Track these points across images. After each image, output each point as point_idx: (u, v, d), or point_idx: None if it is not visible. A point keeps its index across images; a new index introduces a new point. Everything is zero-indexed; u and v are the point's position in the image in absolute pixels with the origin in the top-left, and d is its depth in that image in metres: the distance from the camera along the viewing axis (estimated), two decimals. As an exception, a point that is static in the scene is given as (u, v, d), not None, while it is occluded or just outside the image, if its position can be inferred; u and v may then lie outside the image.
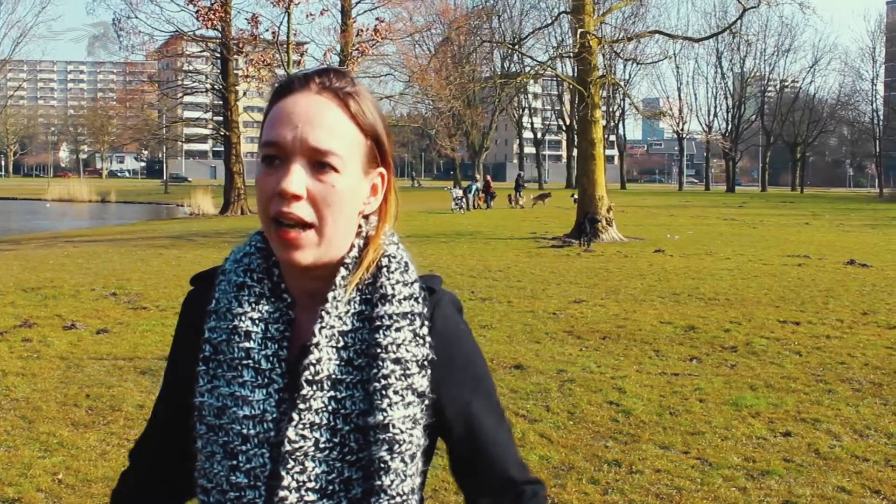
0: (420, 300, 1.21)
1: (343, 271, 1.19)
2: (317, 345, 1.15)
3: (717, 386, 6.53)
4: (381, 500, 1.15)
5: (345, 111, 1.17)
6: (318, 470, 1.15)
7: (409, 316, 1.19)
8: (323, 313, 1.17)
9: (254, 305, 1.19)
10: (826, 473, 4.70)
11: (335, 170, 1.14)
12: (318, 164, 1.14)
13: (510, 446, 1.30)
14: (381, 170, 1.23)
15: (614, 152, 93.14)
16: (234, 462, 1.16)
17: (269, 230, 1.16)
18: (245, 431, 1.15)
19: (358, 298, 1.19)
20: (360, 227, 1.23)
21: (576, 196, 37.85)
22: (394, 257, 1.22)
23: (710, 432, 5.41)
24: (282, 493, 1.13)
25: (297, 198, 1.12)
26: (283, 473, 1.13)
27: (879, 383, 6.61)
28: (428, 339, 1.19)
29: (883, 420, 5.69)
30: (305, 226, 1.14)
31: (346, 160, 1.16)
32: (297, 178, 1.12)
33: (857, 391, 6.40)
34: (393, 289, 1.19)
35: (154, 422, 1.36)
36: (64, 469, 4.74)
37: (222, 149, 40.96)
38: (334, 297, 1.18)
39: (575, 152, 47.46)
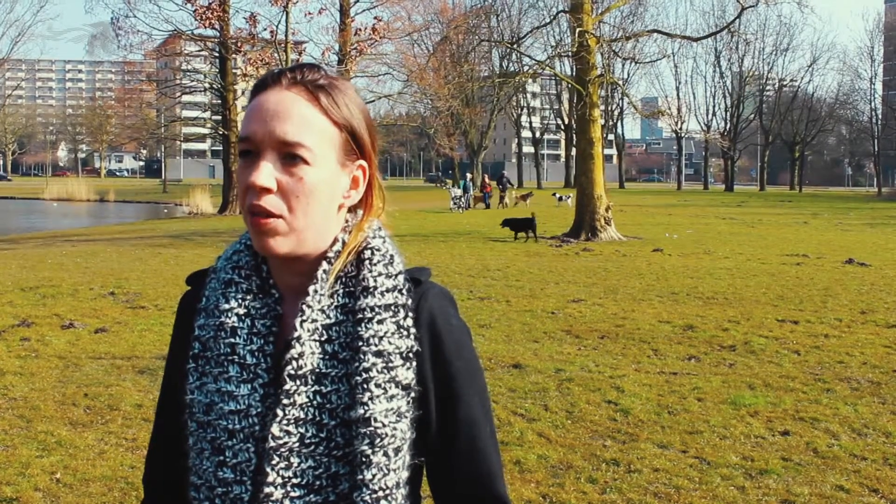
0: (404, 291, 1.20)
1: (325, 265, 1.18)
2: (298, 339, 1.15)
3: (716, 385, 6.53)
4: (363, 495, 1.13)
5: (315, 104, 1.17)
6: (303, 465, 1.14)
7: (393, 308, 1.18)
8: (304, 306, 1.16)
9: (240, 301, 1.19)
10: (824, 472, 4.71)
11: (305, 162, 1.15)
12: (289, 156, 1.14)
13: (498, 456, 1.25)
14: (361, 162, 1.23)
15: (613, 151, 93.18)
16: (221, 457, 1.16)
17: (246, 221, 1.16)
18: (231, 426, 1.15)
19: (341, 291, 1.19)
20: (346, 221, 1.23)
21: (559, 195, 38.11)
22: (377, 250, 1.21)
23: (708, 431, 5.41)
24: (267, 490, 1.13)
25: (266, 191, 1.13)
26: (268, 469, 1.13)
27: (878, 382, 6.62)
28: (412, 330, 1.18)
29: (881, 419, 5.69)
30: (276, 216, 1.14)
31: (318, 152, 1.16)
32: (266, 172, 1.13)
33: (856, 390, 6.41)
34: (375, 281, 1.18)
35: (158, 426, 1.34)
36: (62, 468, 4.73)
37: (221, 148, 40.94)
38: (315, 291, 1.17)
39: (573, 151, 47.44)
